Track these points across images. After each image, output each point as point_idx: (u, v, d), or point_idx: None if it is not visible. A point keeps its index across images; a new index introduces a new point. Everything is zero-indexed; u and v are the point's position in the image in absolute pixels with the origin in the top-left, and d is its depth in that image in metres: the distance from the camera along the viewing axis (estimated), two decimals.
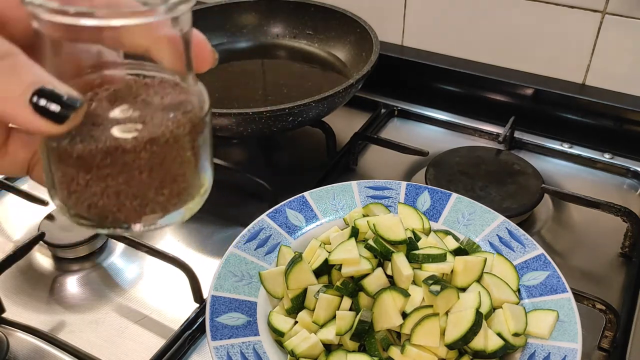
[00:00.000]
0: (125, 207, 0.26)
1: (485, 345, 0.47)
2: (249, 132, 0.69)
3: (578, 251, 0.67)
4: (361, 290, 0.51)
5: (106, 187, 0.26)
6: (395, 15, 0.96)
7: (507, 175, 0.75)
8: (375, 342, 0.48)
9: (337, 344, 0.50)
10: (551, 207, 0.74)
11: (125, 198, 0.26)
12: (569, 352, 0.47)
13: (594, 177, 0.80)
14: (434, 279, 0.50)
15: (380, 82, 0.92)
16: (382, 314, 0.49)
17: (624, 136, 0.84)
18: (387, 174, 0.80)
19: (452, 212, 0.61)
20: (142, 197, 0.26)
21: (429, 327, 0.47)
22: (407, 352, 0.47)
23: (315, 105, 0.68)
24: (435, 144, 0.84)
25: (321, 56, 0.91)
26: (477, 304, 0.49)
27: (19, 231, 0.71)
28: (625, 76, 0.84)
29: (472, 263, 0.52)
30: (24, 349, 0.54)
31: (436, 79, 0.94)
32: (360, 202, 0.63)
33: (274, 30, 0.94)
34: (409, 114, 0.92)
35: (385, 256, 0.53)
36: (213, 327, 0.49)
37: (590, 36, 0.84)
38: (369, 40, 0.81)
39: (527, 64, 0.91)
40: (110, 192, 0.26)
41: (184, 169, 0.27)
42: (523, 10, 0.86)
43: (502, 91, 0.90)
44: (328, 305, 0.51)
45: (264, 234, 0.58)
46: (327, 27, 0.91)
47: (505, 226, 0.59)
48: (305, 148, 0.84)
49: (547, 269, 0.54)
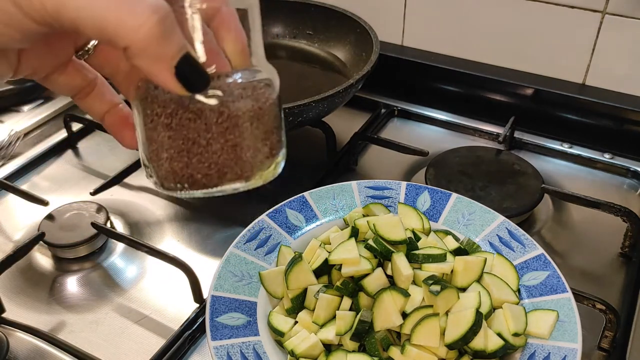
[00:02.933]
0: (241, 160, 0.32)
1: (485, 345, 0.47)
2: None
3: (578, 251, 0.67)
4: (361, 290, 0.51)
5: (225, 142, 0.31)
6: (395, 15, 0.96)
7: (507, 175, 0.75)
8: (375, 342, 0.48)
9: (337, 344, 0.50)
10: (551, 207, 0.74)
11: (241, 150, 0.31)
12: (569, 352, 0.47)
13: (594, 177, 0.80)
14: (434, 279, 0.50)
15: (381, 82, 0.92)
16: (382, 314, 0.49)
17: (624, 136, 0.84)
18: (387, 174, 0.80)
19: (452, 212, 0.61)
20: (254, 148, 0.32)
21: (429, 327, 0.47)
22: (407, 352, 0.47)
23: (315, 105, 0.68)
24: (435, 144, 0.84)
25: (321, 56, 0.91)
26: (477, 304, 0.49)
27: (19, 231, 0.71)
28: (625, 76, 0.84)
29: (472, 263, 0.52)
30: (24, 349, 0.54)
31: (436, 79, 0.94)
32: (360, 202, 0.63)
33: (273, 30, 0.94)
34: (409, 114, 0.92)
35: (385, 256, 0.53)
36: (213, 327, 0.49)
37: (591, 36, 0.84)
38: (369, 40, 0.81)
39: (527, 64, 0.91)
40: (228, 146, 0.31)
41: (277, 122, 0.34)
42: (523, 11, 0.86)
43: (502, 91, 0.90)
44: (328, 305, 0.51)
45: (264, 234, 0.58)
46: (327, 27, 0.91)
47: (505, 226, 0.59)
48: (305, 148, 0.84)
49: (547, 269, 0.54)
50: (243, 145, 0.31)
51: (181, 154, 0.31)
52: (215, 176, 0.32)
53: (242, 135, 0.31)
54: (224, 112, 0.30)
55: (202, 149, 0.31)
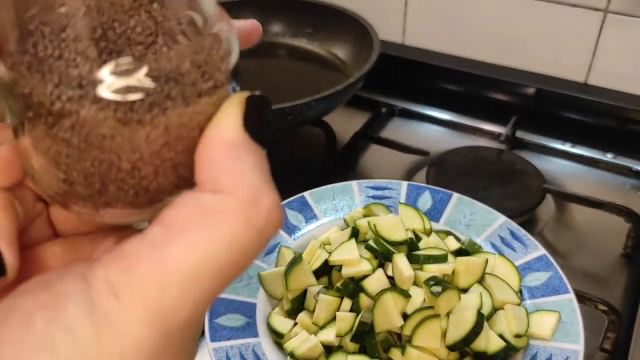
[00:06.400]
0: (183, 180, 0.20)
1: (486, 347, 0.47)
2: None
3: (580, 252, 0.67)
4: (361, 291, 0.51)
5: (162, 162, 0.19)
6: (396, 13, 0.96)
7: (508, 175, 0.75)
8: (375, 344, 0.48)
9: (337, 345, 0.50)
10: (553, 207, 0.73)
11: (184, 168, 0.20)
12: (571, 353, 0.47)
13: (596, 177, 0.79)
14: (435, 280, 0.49)
15: (381, 81, 0.92)
16: (382, 315, 0.48)
17: (626, 136, 0.83)
18: (388, 173, 0.79)
19: (454, 213, 0.61)
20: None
21: (430, 328, 0.47)
22: (407, 354, 0.47)
23: (316, 105, 0.67)
24: (436, 143, 0.83)
25: (321, 55, 0.90)
26: (478, 305, 0.48)
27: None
28: (628, 75, 0.84)
29: (474, 264, 0.52)
30: None
31: (437, 78, 0.94)
32: (360, 202, 0.62)
33: (273, 28, 0.94)
34: (410, 113, 0.91)
35: (386, 257, 0.53)
36: (212, 329, 0.49)
37: (593, 35, 0.83)
38: (370, 39, 0.81)
39: (529, 63, 0.90)
40: (166, 167, 0.19)
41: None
42: (524, 9, 0.86)
43: (503, 90, 0.90)
44: (328, 306, 0.50)
45: None
46: (327, 25, 0.90)
47: (507, 226, 0.59)
48: (305, 148, 0.84)
49: (549, 270, 0.54)
50: (189, 160, 0.19)
51: (90, 178, 0.19)
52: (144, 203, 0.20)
53: (188, 149, 0.19)
54: (158, 123, 0.18)
55: (123, 174, 0.19)
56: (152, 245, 0.17)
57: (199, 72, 0.19)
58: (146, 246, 0.17)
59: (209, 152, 0.19)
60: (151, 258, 0.17)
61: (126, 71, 0.18)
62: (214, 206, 0.18)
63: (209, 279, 0.17)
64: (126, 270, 0.17)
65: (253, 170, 0.18)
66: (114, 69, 0.18)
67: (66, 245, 0.23)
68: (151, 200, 0.20)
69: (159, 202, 0.20)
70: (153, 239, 0.18)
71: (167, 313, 0.17)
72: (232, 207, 0.18)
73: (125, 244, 0.18)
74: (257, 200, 0.18)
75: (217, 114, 0.19)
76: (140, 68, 0.18)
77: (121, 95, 0.18)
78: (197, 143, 0.19)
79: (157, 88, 0.18)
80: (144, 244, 0.18)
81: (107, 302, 0.17)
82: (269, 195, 0.18)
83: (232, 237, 0.18)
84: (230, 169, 0.18)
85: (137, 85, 0.18)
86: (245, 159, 0.18)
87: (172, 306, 0.17)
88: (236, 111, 0.19)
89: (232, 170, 0.18)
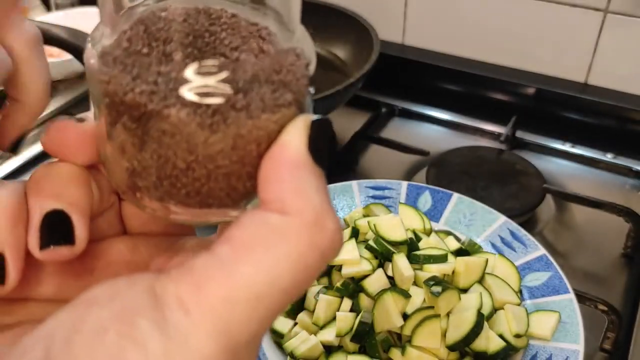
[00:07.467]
0: (235, 191, 0.20)
1: (486, 347, 0.47)
2: None
3: (580, 252, 0.67)
4: (361, 291, 0.51)
5: (215, 167, 0.20)
6: (396, 13, 0.96)
7: (508, 175, 0.75)
8: (375, 344, 0.48)
9: (337, 345, 0.50)
10: (553, 207, 0.73)
11: (237, 180, 0.20)
12: (571, 353, 0.47)
13: (596, 177, 0.79)
14: (435, 280, 0.49)
15: (381, 81, 0.92)
16: (382, 315, 0.48)
17: (626, 136, 0.83)
18: (388, 173, 0.79)
19: (454, 213, 0.61)
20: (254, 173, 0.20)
21: (430, 328, 0.47)
22: (407, 354, 0.46)
23: (315, 104, 0.67)
24: (436, 143, 0.83)
25: (321, 55, 0.90)
26: (478, 305, 0.48)
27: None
28: (628, 75, 0.84)
29: (474, 264, 0.52)
30: None
31: (437, 78, 0.94)
32: (360, 202, 0.62)
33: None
34: (410, 113, 0.91)
35: (386, 257, 0.52)
36: None
37: (593, 35, 0.83)
38: (370, 39, 0.81)
39: (529, 63, 0.90)
40: (220, 174, 0.20)
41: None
42: (525, 9, 0.86)
43: (503, 90, 0.90)
44: (328, 306, 0.50)
45: None
46: (327, 25, 0.90)
47: (507, 226, 0.59)
48: None
49: (549, 270, 0.54)
50: (242, 172, 0.20)
51: (148, 170, 0.20)
52: (194, 209, 0.21)
53: (243, 160, 0.20)
54: (218, 130, 0.19)
55: (177, 171, 0.20)
56: (221, 263, 0.18)
57: (271, 88, 0.20)
58: (215, 263, 0.18)
59: (276, 172, 0.19)
60: (220, 275, 0.17)
61: (204, 74, 0.19)
62: (280, 227, 0.18)
63: (274, 299, 0.18)
64: (196, 286, 0.17)
65: (317, 192, 0.19)
66: (198, 70, 0.19)
67: (131, 244, 0.23)
68: (201, 203, 0.20)
69: (209, 208, 0.21)
70: (222, 257, 0.18)
71: (234, 330, 0.17)
72: (297, 228, 0.18)
73: (194, 260, 0.18)
74: (322, 224, 0.18)
75: (282, 134, 0.20)
76: (218, 74, 0.19)
77: (199, 98, 0.18)
78: (252, 156, 0.20)
79: (226, 97, 0.19)
80: (213, 261, 0.18)
81: (178, 317, 0.17)
82: (332, 219, 0.19)
83: (297, 258, 0.18)
84: (295, 190, 0.19)
85: (208, 90, 0.19)
86: (309, 181, 0.19)
87: (239, 323, 0.17)
88: (302, 133, 0.20)
89: (298, 191, 0.19)
